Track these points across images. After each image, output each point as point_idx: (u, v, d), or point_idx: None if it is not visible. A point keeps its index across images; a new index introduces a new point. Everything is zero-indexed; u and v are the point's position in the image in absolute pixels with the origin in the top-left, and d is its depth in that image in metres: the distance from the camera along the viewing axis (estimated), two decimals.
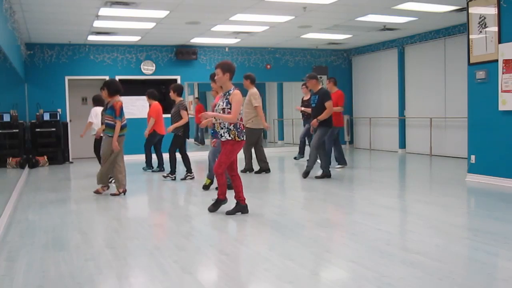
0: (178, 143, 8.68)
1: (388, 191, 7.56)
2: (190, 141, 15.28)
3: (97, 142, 8.87)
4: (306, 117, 10.90)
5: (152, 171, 10.06)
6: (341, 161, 9.82)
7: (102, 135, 7.40)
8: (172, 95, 8.74)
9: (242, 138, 5.57)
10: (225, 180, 5.75)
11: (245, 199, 5.76)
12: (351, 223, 5.45)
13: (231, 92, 5.57)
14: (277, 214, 5.72)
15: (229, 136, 5.52)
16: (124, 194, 7.23)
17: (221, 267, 3.94)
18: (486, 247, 4.20)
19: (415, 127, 12.79)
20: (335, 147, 9.64)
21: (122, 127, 7.12)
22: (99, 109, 8.81)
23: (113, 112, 7.01)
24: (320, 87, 8.42)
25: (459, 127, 10.91)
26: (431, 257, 3.89)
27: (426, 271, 3.57)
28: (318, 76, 14.58)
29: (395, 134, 13.28)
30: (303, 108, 10.69)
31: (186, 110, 8.69)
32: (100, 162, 9.17)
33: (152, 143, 9.95)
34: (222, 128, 5.56)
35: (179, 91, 8.82)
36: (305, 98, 10.85)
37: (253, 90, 8.74)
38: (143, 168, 10.19)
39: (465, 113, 8.38)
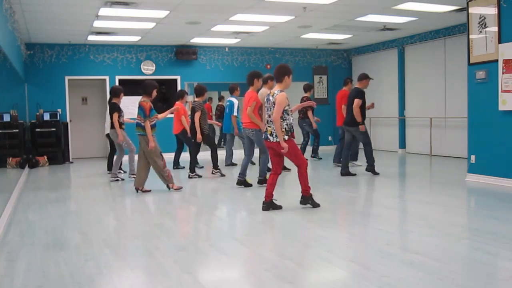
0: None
1: (388, 191, 7.56)
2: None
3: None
4: (302, 118, 10.97)
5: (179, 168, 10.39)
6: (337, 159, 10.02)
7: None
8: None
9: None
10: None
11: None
12: (351, 223, 5.45)
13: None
14: (277, 214, 5.72)
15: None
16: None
17: (221, 267, 3.94)
18: (486, 247, 4.20)
19: (415, 127, 12.79)
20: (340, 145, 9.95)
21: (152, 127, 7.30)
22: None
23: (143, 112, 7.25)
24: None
25: (459, 127, 10.91)
26: (431, 257, 3.89)
27: (426, 271, 3.57)
28: (319, 76, 14.77)
29: (395, 134, 13.28)
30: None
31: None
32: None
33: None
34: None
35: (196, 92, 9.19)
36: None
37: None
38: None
39: (465, 113, 8.37)
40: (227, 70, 13.84)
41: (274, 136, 5.70)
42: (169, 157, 10.61)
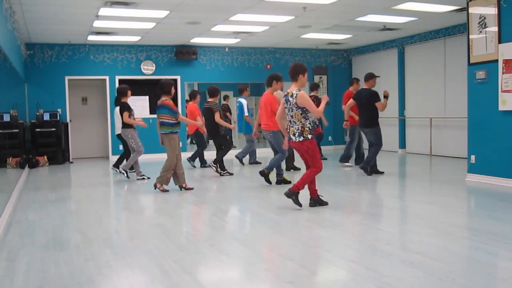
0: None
1: (388, 191, 7.56)
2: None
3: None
4: None
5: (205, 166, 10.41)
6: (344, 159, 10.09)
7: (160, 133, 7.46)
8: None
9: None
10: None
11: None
12: (351, 223, 5.45)
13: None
14: (277, 214, 5.73)
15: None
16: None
17: (221, 267, 3.94)
18: (486, 247, 4.20)
19: (415, 127, 12.79)
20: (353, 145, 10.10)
21: (174, 124, 7.30)
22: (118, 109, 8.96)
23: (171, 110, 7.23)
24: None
25: (459, 127, 10.91)
26: (431, 257, 3.89)
27: (426, 271, 3.57)
28: (319, 76, 14.77)
29: (395, 134, 13.28)
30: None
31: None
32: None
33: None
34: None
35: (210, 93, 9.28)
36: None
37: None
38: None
39: (465, 113, 8.37)
40: (227, 70, 13.84)
41: (297, 136, 5.73)
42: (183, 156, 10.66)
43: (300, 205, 5.86)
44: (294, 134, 5.77)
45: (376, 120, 8.60)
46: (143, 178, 8.74)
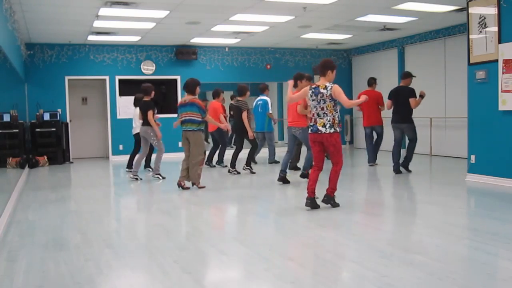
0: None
1: (388, 191, 7.56)
2: None
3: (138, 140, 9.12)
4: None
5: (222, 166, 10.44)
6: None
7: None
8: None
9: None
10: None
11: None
12: (351, 223, 5.45)
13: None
14: (277, 214, 5.72)
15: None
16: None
17: (221, 267, 3.94)
18: (486, 247, 4.20)
19: (415, 127, 12.75)
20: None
21: (201, 122, 7.42)
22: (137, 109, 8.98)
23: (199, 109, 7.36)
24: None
25: (459, 127, 10.91)
26: (431, 257, 3.89)
27: (426, 271, 3.57)
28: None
29: None
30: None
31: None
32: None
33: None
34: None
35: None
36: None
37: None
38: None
39: (465, 113, 8.37)
40: (227, 70, 13.84)
41: (327, 127, 5.69)
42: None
43: (338, 204, 5.92)
44: (324, 126, 5.72)
45: (411, 115, 8.79)
46: (136, 179, 8.71)
